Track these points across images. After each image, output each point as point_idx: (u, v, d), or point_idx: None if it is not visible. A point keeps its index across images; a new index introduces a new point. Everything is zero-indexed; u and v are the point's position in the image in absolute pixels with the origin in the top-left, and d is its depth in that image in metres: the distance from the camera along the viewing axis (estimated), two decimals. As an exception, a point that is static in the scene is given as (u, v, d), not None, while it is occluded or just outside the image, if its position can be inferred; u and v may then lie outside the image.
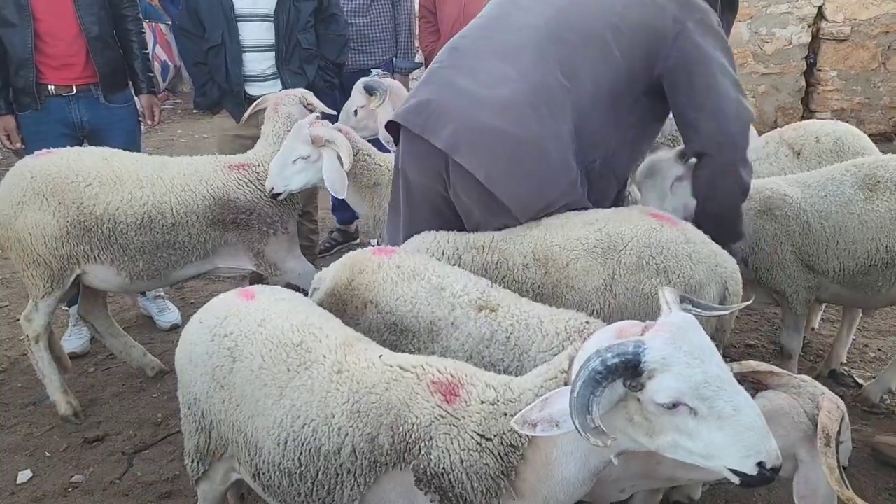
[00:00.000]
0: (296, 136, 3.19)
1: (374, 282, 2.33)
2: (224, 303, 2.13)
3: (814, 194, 3.13)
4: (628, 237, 2.49)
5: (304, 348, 1.91)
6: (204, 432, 2.06)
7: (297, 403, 1.83)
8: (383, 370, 1.81)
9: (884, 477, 3.03)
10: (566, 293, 2.47)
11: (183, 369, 2.12)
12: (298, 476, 1.82)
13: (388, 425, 1.72)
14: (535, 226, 2.62)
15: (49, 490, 3.07)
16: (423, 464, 1.67)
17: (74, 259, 3.28)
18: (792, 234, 3.13)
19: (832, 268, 3.13)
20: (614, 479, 1.93)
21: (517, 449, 1.64)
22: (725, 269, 2.54)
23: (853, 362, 3.86)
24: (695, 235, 2.56)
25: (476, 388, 1.74)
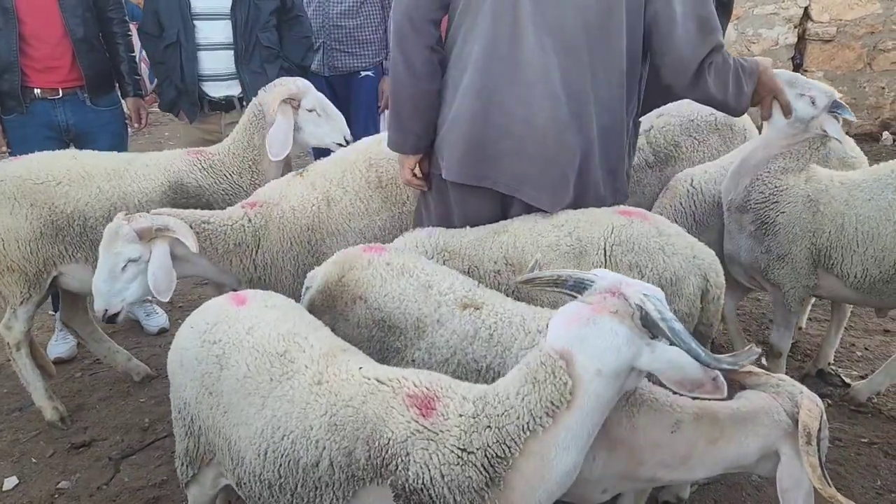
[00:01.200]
0: (114, 239, 2.66)
1: (363, 278, 2.35)
2: (215, 308, 2.13)
3: (859, 196, 3.02)
4: (598, 238, 2.51)
5: (288, 358, 1.90)
6: (193, 437, 2.06)
7: (278, 414, 1.81)
8: (361, 383, 1.79)
9: (870, 475, 3.05)
10: (541, 296, 2.50)
11: (174, 373, 2.12)
12: (279, 488, 1.81)
13: (364, 439, 1.70)
14: (502, 232, 2.65)
15: (35, 496, 3.05)
16: (402, 479, 1.65)
17: (50, 261, 3.25)
18: (821, 233, 3.04)
19: (854, 273, 3.03)
20: (596, 480, 1.92)
21: (505, 460, 1.61)
22: (704, 260, 2.55)
23: (840, 361, 3.89)
24: (668, 228, 2.58)
25: (453, 401, 1.71)
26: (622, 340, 1.57)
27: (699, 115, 3.87)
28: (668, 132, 3.82)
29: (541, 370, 1.61)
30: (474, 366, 2.12)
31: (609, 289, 1.66)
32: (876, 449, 3.21)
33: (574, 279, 1.75)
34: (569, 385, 1.58)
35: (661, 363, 1.61)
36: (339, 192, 3.15)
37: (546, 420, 1.60)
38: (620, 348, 1.57)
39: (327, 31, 4.78)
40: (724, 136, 3.88)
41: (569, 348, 1.59)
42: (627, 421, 1.89)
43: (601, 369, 1.58)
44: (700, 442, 1.84)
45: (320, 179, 3.19)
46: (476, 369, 2.12)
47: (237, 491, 2.01)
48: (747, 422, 1.82)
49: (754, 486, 2.97)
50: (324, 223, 3.09)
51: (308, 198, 3.11)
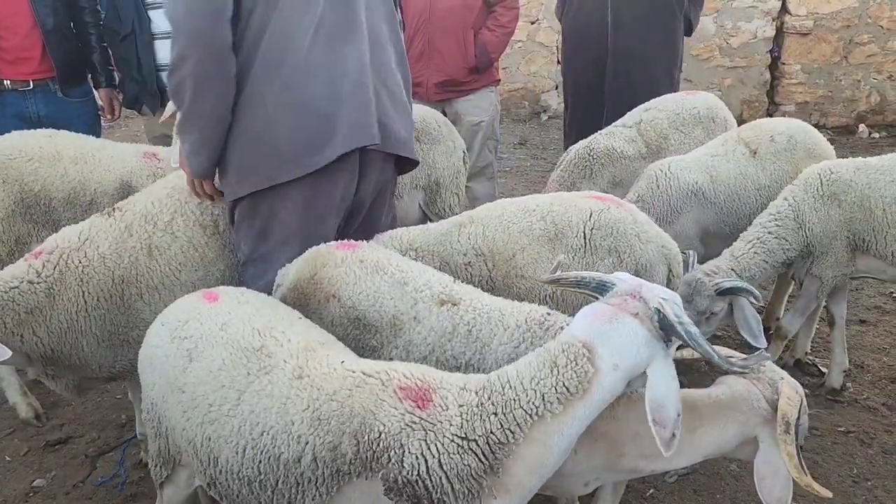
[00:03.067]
0: None
1: (336, 276, 2.31)
2: (186, 305, 2.08)
3: (880, 179, 3.16)
4: (576, 222, 2.51)
5: (265, 353, 1.87)
6: (162, 437, 2.02)
7: (256, 410, 1.78)
8: (345, 376, 1.77)
9: (847, 464, 3.08)
10: (517, 283, 2.49)
11: (143, 372, 2.07)
12: (258, 485, 1.77)
13: (350, 433, 1.68)
14: (468, 223, 2.63)
15: (10, 495, 2.99)
16: (394, 472, 1.63)
17: (22, 240, 3.18)
18: (854, 220, 3.17)
19: (892, 252, 3.17)
20: (578, 473, 1.93)
21: (506, 446, 1.63)
22: (670, 250, 2.59)
23: (817, 351, 3.93)
24: (641, 217, 2.61)
25: (451, 391, 1.71)
26: (642, 341, 1.65)
27: (684, 109, 3.99)
28: (656, 125, 3.93)
29: (562, 356, 1.65)
30: (453, 363, 2.10)
31: (630, 291, 1.73)
32: (852, 438, 3.25)
33: (597, 281, 1.81)
34: (590, 373, 1.63)
35: (660, 378, 1.65)
36: (167, 238, 2.64)
37: (556, 407, 1.63)
38: (640, 348, 1.65)
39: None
40: (707, 128, 3.99)
41: (591, 341, 1.65)
42: (608, 412, 1.89)
43: (618, 364, 1.64)
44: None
45: (138, 222, 2.64)
46: (455, 366, 2.10)
47: (209, 491, 1.96)
48: (726, 409, 1.84)
49: (733, 475, 3.00)
50: (142, 275, 2.58)
51: (123, 244, 2.58)
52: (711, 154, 3.60)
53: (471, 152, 4.87)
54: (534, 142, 8.67)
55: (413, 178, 3.83)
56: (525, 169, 7.58)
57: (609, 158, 3.74)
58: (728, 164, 3.55)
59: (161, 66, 3.93)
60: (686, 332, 1.65)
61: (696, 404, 1.86)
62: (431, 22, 4.64)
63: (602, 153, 3.73)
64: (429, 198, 3.96)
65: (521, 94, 9.55)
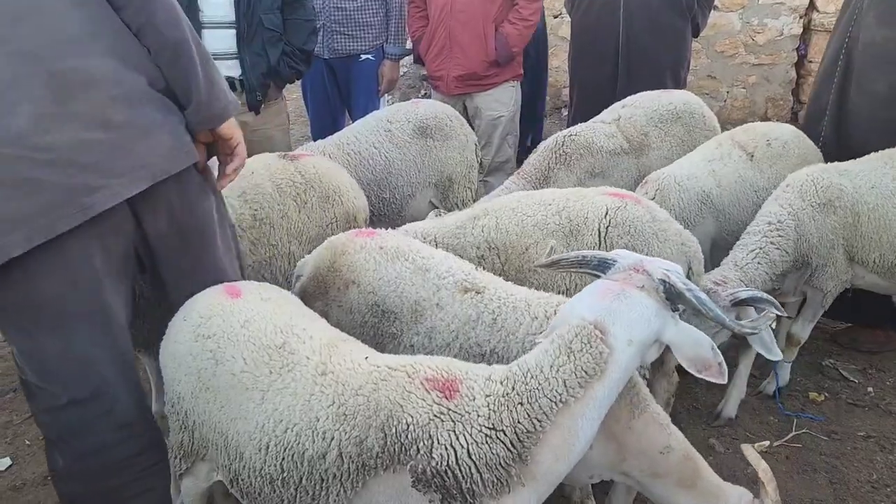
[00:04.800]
0: None
1: (356, 262, 2.31)
2: (208, 300, 2.07)
3: (862, 185, 3.13)
4: (592, 218, 2.49)
5: (287, 350, 1.87)
6: (187, 431, 2.02)
7: (280, 407, 1.78)
8: (370, 371, 1.77)
9: (866, 469, 3.05)
10: (530, 277, 2.48)
11: (166, 365, 2.08)
12: (281, 482, 1.77)
13: (378, 427, 1.68)
14: (482, 216, 2.61)
15: (28, 478, 3.04)
16: (423, 463, 1.64)
17: None
18: (847, 226, 3.12)
19: (873, 259, 3.14)
20: (588, 465, 1.97)
21: (534, 434, 1.64)
22: (690, 248, 2.56)
23: (839, 355, 3.87)
24: (660, 214, 2.58)
25: (477, 382, 1.72)
26: (651, 312, 1.69)
27: (661, 106, 3.96)
28: (635, 122, 3.89)
29: (576, 341, 1.67)
30: (477, 350, 2.10)
31: (632, 266, 1.77)
32: (872, 443, 3.21)
33: (598, 259, 1.84)
34: (605, 354, 1.66)
35: (682, 337, 1.73)
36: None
37: (578, 391, 1.65)
38: (650, 320, 1.69)
39: (328, 12, 4.73)
40: (686, 124, 3.96)
41: (602, 320, 1.68)
42: (626, 420, 1.94)
43: (632, 339, 1.68)
44: (675, 476, 1.96)
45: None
46: (479, 353, 2.10)
47: (230, 489, 1.97)
48: (714, 496, 1.95)
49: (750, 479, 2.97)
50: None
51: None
52: (708, 159, 3.50)
53: (490, 147, 4.87)
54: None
55: (424, 175, 3.82)
56: (545, 164, 7.52)
57: (588, 150, 3.69)
58: (727, 169, 3.47)
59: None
60: (695, 297, 1.71)
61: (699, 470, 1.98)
62: (453, 15, 4.63)
63: (581, 144, 3.69)
64: (441, 193, 3.96)
65: (542, 89, 9.49)
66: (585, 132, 3.77)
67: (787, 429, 3.29)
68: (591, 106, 4.77)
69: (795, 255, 3.16)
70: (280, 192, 3.00)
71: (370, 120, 3.99)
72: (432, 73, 4.93)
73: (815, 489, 2.93)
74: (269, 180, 3.01)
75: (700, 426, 3.34)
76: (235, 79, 3.98)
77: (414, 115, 3.92)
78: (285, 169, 3.07)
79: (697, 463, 1.99)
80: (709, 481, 1.98)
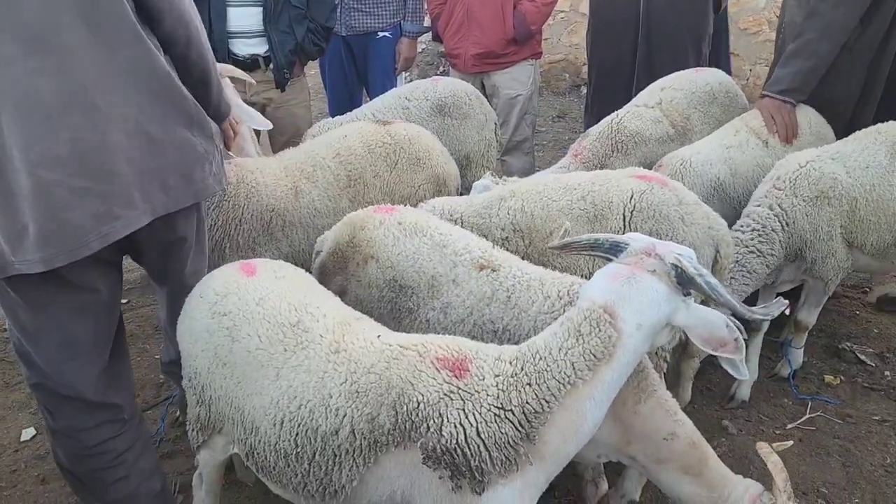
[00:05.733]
0: None
1: (375, 238, 2.34)
2: (224, 277, 2.11)
3: (856, 167, 3.06)
4: (616, 203, 2.47)
5: (301, 328, 1.90)
6: (204, 405, 2.07)
7: (294, 384, 1.82)
8: (382, 349, 1.80)
9: (880, 453, 3.04)
10: (553, 260, 2.48)
11: (183, 341, 2.12)
12: (295, 457, 1.81)
13: (389, 405, 1.71)
14: (509, 197, 2.61)
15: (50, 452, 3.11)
16: (433, 441, 1.67)
17: None
18: (843, 214, 3.05)
19: (871, 242, 3.08)
20: (596, 444, 1.99)
21: (542, 415, 1.66)
22: (718, 231, 2.53)
23: (856, 338, 3.84)
24: (687, 197, 2.55)
25: (486, 362, 1.75)
26: (662, 297, 1.70)
27: (698, 88, 3.87)
28: (677, 105, 3.80)
29: (585, 324, 1.68)
30: (490, 327, 2.12)
31: (644, 250, 1.76)
32: (888, 427, 3.20)
33: (610, 242, 1.84)
34: (613, 337, 1.67)
35: (694, 319, 1.74)
36: (309, 185, 3.06)
37: (586, 373, 1.67)
38: (660, 304, 1.70)
39: (345, -11, 4.70)
40: (721, 104, 3.87)
41: (611, 304, 1.69)
42: (633, 404, 1.96)
43: (641, 324, 1.69)
44: (679, 463, 1.97)
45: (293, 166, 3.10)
46: (492, 330, 2.12)
47: (245, 462, 2.02)
48: (719, 485, 1.95)
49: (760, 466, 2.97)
50: (289, 212, 2.99)
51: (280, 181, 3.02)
52: (726, 145, 3.44)
53: (507, 126, 4.84)
54: (573, 115, 8.54)
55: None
56: (563, 143, 7.47)
57: (641, 139, 3.64)
58: (744, 156, 3.40)
59: (231, 32, 3.90)
60: (707, 283, 1.71)
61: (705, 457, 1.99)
62: (471, -8, 4.58)
63: (633, 132, 3.63)
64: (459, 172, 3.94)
65: (562, 66, 9.39)
66: (633, 121, 3.67)
67: (802, 412, 3.29)
68: (610, 83, 4.71)
69: (786, 254, 3.09)
70: (371, 153, 3.19)
71: (388, 97, 3.99)
72: (450, 50, 4.90)
73: (827, 472, 2.94)
74: (360, 142, 3.22)
75: (714, 408, 3.35)
76: (261, 56, 3.99)
77: (433, 93, 3.90)
78: (376, 132, 3.28)
79: (704, 452, 1.99)
80: (715, 471, 1.98)
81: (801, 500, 2.78)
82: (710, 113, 3.83)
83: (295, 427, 1.80)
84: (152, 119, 2.02)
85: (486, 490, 1.66)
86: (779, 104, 3.50)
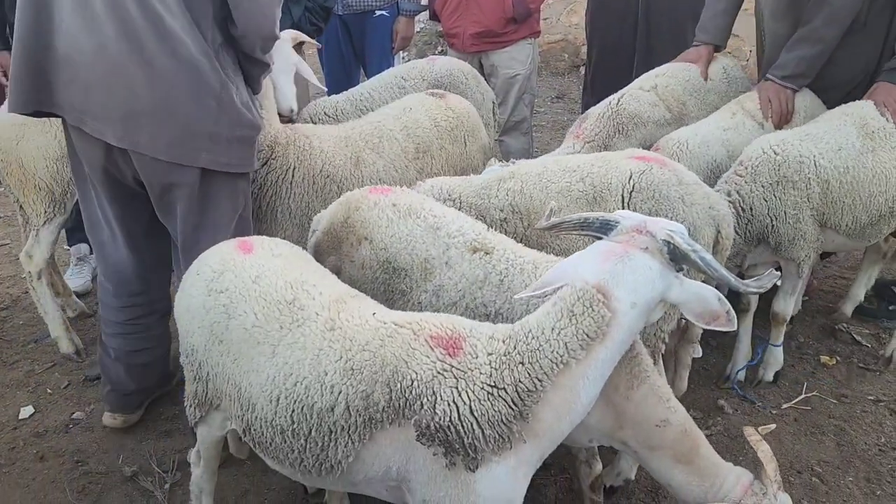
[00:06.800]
0: None
1: (369, 219, 2.33)
2: (221, 255, 2.10)
3: (828, 149, 3.03)
4: (615, 184, 2.46)
5: (297, 306, 1.90)
6: (201, 382, 2.07)
7: (290, 361, 1.82)
8: (377, 327, 1.80)
9: (874, 433, 3.06)
10: (552, 242, 2.47)
11: (181, 317, 2.12)
12: (291, 433, 1.82)
13: (383, 382, 1.72)
14: (508, 178, 2.60)
15: (50, 426, 3.13)
16: (427, 418, 1.67)
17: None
18: (813, 197, 3.01)
19: (846, 223, 3.07)
20: (588, 428, 2.00)
21: (535, 393, 1.67)
22: (718, 211, 2.52)
23: (852, 319, 3.85)
24: (687, 177, 2.53)
25: (480, 340, 1.75)
26: (656, 274, 1.69)
27: (693, 75, 3.84)
28: (672, 91, 3.77)
29: (578, 304, 1.67)
30: (483, 310, 2.12)
31: (635, 228, 1.75)
32: (882, 407, 3.22)
33: (600, 221, 1.82)
34: (607, 317, 1.66)
35: (687, 295, 1.73)
36: (373, 156, 3.14)
37: (580, 353, 1.67)
38: (654, 281, 1.69)
39: (342, -34, 4.66)
40: (719, 92, 3.84)
41: (605, 283, 1.68)
42: (625, 390, 1.96)
43: (636, 302, 1.69)
44: (671, 450, 1.97)
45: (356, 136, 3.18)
46: (485, 314, 2.12)
47: (243, 438, 2.03)
48: (711, 474, 1.96)
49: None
50: (347, 181, 3.06)
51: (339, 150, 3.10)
52: (723, 127, 3.41)
53: (505, 106, 4.81)
54: (572, 96, 8.50)
55: None
56: (562, 123, 7.44)
57: (640, 120, 3.62)
58: (741, 138, 3.36)
59: None
60: (701, 258, 1.70)
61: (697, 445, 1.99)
62: (469, -30, 4.54)
63: (633, 115, 3.61)
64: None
65: (561, 47, 9.34)
66: (632, 102, 3.64)
67: (797, 391, 3.31)
68: (609, 64, 4.68)
69: (745, 239, 3.07)
70: (437, 127, 3.31)
71: (385, 76, 3.96)
72: (448, 29, 4.86)
73: (822, 451, 2.96)
74: (426, 116, 3.33)
75: (709, 387, 3.37)
76: None
77: (429, 73, 3.87)
78: (438, 105, 3.39)
79: (696, 440, 1.99)
80: (707, 459, 1.98)
81: (796, 478, 2.81)
82: (707, 101, 3.81)
83: (291, 403, 1.80)
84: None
85: (479, 467, 1.66)
86: (779, 88, 3.48)
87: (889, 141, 3.08)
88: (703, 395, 3.29)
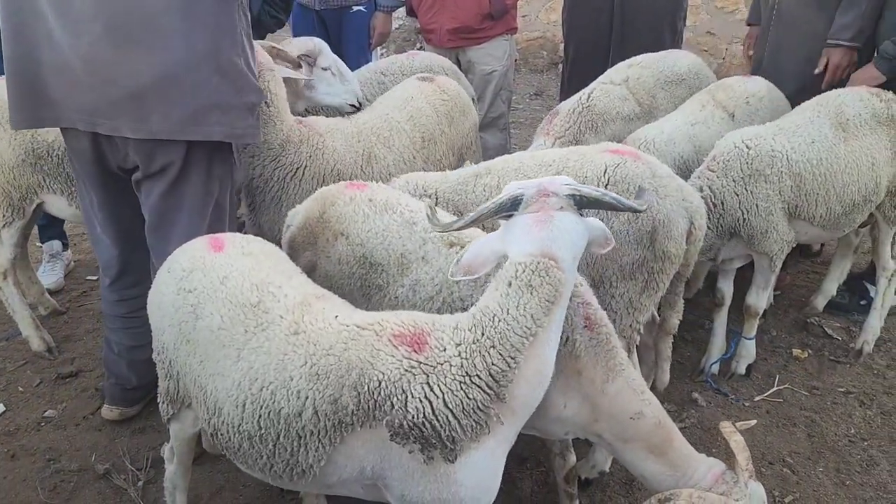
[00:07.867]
0: None
1: (345, 214, 2.32)
2: (191, 253, 2.08)
3: (801, 142, 3.06)
4: (591, 177, 2.48)
5: (262, 309, 1.88)
6: (172, 380, 2.06)
7: (255, 366, 1.81)
8: (339, 330, 1.79)
9: (844, 424, 3.11)
10: None
11: (152, 314, 2.11)
12: (259, 439, 1.81)
13: (350, 386, 1.71)
14: (484, 174, 2.61)
15: (22, 424, 3.08)
16: (399, 418, 1.67)
17: (32, 189, 3.25)
18: (785, 190, 3.04)
19: (820, 214, 3.11)
20: (564, 421, 2.02)
21: (508, 372, 1.68)
22: (691, 203, 2.55)
23: (824, 313, 3.91)
24: (660, 170, 2.56)
25: (445, 333, 1.75)
26: (581, 226, 1.80)
27: (666, 67, 3.86)
28: (643, 84, 3.78)
29: (535, 276, 1.70)
30: (460, 304, 2.12)
31: (539, 193, 1.79)
32: (852, 398, 3.27)
33: (510, 199, 1.82)
34: (562, 279, 1.71)
35: (594, 231, 1.87)
36: (384, 150, 3.14)
37: (544, 319, 1.70)
38: (581, 232, 1.80)
39: (319, -39, 4.63)
40: (690, 86, 3.85)
41: (548, 249, 1.72)
42: (601, 384, 1.98)
43: (575, 255, 1.78)
44: (644, 442, 2.00)
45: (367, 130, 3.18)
46: (461, 308, 2.11)
47: (212, 440, 2.00)
48: (683, 465, 2.00)
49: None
50: (358, 178, 3.03)
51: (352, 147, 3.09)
52: (691, 122, 3.42)
53: (483, 102, 4.82)
54: (550, 93, 8.53)
55: None
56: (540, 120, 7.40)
57: (609, 116, 3.63)
58: (710, 131, 3.37)
59: None
60: (612, 197, 1.83)
61: (671, 438, 2.02)
62: (446, -34, 4.54)
63: (602, 111, 3.62)
64: None
65: (540, 44, 9.37)
66: (601, 98, 3.65)
67: (770, 384, 3.35)
68: (587, 60, 4.70)
69: (717, 233, 3.09)
70: (437, 112, 3.36)
71: (364, 72, 3.95)
72: (425, 25, 4.86)
73: (793, 442, 3.00)
74: (426, 103, 3.36)
75: (684, 381, 3.40)
76: None
77: (409, 68, 3.87)
78: (433, 90, 3.43)
79: (670, 432, 2.02)
80: (680, 451, 2.01)
81: (767, 469, 2.85)
82: (676, 94, 3.82)
83: (257, 409, 1.79)
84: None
85: (458, 457, 1.67)
86: (845, 51, 3.56)
87: (861, 129, 3.13)
88: (678, 387, 3.33)
